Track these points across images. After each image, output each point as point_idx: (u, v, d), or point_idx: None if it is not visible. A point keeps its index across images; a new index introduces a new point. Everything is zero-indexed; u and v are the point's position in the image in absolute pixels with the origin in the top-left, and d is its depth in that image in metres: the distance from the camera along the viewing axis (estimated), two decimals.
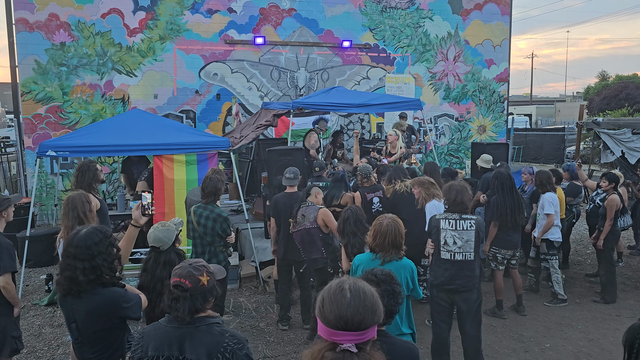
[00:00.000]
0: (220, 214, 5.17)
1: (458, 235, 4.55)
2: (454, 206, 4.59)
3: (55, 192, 10.40)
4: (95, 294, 2.85)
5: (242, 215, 7.98)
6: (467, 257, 4.55)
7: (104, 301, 2.84)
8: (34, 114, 10.98)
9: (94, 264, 2.83)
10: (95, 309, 2.83)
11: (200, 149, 7.25)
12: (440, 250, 4.60)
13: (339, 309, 1.70)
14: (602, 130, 11.28)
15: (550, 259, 6.61)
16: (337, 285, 1.79)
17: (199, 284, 2.35)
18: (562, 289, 6.61)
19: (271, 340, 5.63)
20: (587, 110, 29.09)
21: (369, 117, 13.54)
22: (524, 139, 23.34)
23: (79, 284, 2.82)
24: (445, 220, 4.60)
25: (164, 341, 2.35)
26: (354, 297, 1.73)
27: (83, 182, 5.31)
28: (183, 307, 2.33)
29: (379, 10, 13.26)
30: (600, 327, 5.99)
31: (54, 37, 11.00)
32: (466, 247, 4.54)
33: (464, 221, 4.56)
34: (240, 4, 12.21)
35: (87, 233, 2.90)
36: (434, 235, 4.67)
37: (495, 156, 8.32)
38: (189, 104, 12.05)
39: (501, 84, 14.55)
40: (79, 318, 2.85)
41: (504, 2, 14.30)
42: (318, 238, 5.34)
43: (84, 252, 2.82)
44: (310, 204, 5.43)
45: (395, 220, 3.79)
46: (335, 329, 1.70)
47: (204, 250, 5.14)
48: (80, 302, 2.84)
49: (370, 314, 1.73)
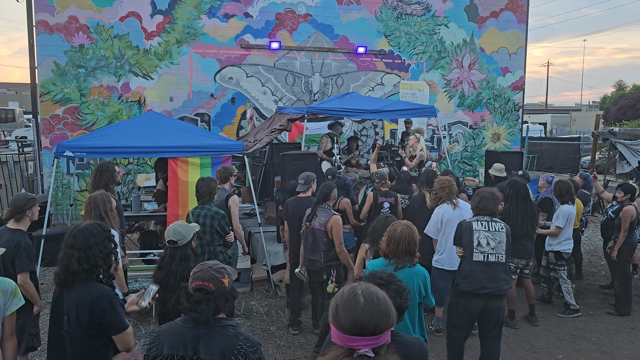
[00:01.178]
0: (217, 212, 5.28)
1: (491, 236, 4.54)
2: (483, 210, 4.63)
3: (70, 192, 10.53)
4: (87, 285, 2.90)
5: (254, 218, 8.02)
6: (500, 259, 4.53)
7: (94, 293, 2.87)
8: (51, 115, 11.14)
9: (89, 254, 2.91)
10: (86, 301, 2.85)
11: (215, 152, 7.30)
12: (473, 252, 4.55)
13: (354, 314, 1.72)
14: (618, 141, 11.18)
15: (559, 270, 6.56)
16: (349, 291, 1.80)
17: (222, 286, 2.40)
18: (573, 299, 6.55)
19: (282, 344, 5.65)
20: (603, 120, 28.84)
21: (382, 124, 13.55)
22: (538, 148, 23.14)
23: (73, 273, 2.89)
24: (477, 222, 4.60)
25: (179, 340, 2.38)
26: (367, 302, 1.75)
27: (100, 183, 5.38)
28: (207, 310, 2.36)
29: (395, 17, 13.28)
30: (614, 340, 5.92)
31: (73, 39, 11.17)
32: (499, 248, 4.53)
33: (495, 223, 4.59)
34: (256, 9, 12.30)
35: (86, 225, 3.03)
36: (465, 238, 4.62)
37: (509, 165, 8.27)
38: (204, 107, 12.15)
39: (516, 92, 14.48)
40: (70, 310, 2.89)
41: (521, 10, 14.25)
42: (322, 241, 5.35)
43: (81, 241, 2.92)
44: (327, 207, 5.45)
45: (410, 227, 3.77)
46: (351, 334, 1.71)
47: (203, 251, 5.19)
48: (73, 293, 2.90)
49: (385, 318, 1.74)
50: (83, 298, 2.87)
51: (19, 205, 4.23)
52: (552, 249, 6.57)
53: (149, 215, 7.88)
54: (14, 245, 4.11)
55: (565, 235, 6.50)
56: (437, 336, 5.79)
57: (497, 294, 4.50)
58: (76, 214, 9.99)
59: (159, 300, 3.75)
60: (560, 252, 6.53)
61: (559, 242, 6.51)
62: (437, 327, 5.92)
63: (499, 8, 14.07)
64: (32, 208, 4.30)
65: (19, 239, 4.16)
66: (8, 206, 4.32)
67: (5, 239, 4.16)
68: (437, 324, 5.93)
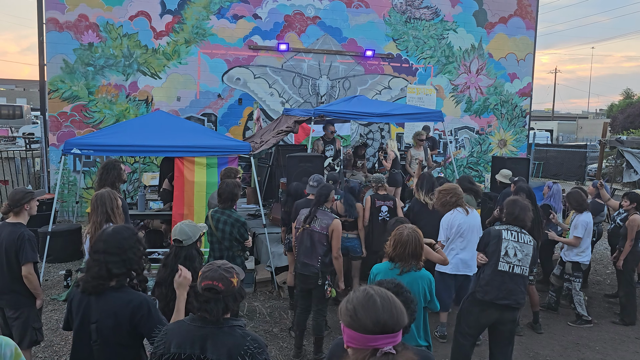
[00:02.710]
0: (238, 219, 5.15)
1: (519, 248, 4.45)
2: (514, 221, 4.54)
3: (76, 189, 10.56)
4: (123, 292, 2.79)
5: (259, 219, 8.02)
6: (524, 272, 4.44)
7: (136, 302, 2.75)
8: (59, 112, 11.19)
9: (125, 258, 2.82)
10: (127, 309, 2.74)
11: (221, 153, 7.31)
12: (499, 261, 4.43)
13: (376, 313, 1.75)
14: (625, 149, 11.13)
15: (574, 281, 6.50)
16: (363, 294, 1.82)
17: (231, 285, 2.40)
18: (585, 310, 6.50)
19: (284, 345, 5.64)
20: (610, 128, 28.72)
21: (389, 127, 13.53)
22: (544, 155, 23.10)
23: (110, 278, 2.78)
24: (508, 231, 4.51)
25: (187, 339, 2.38)
26: (384, 300, 1.79)
27: (107, 181, 5.39)
28: (217, 309, 2.37)
29: (403, 21, 13.29)
30: (618, 349, 5.88)
31: (83, 37, 11.22)
32: (525, 261, 4.45)
33: (525, 235, 4.51)
34: (265, 11, 12.33)
35: (115, 228, 2.94)
36: (492, 245, 4.49)
37: (515, 171, 8.24)
38: (211, 108, 12.18)
39: (523, 98, 14.45)
40: (102, 319, 2.75)
41: (530, 16, 14.23)
42: (320, 245, 5.14)
43: (114, 245, 2.83)
44: (327, 210, 5.35)
45: (416, 230, 3.76)
46: (373, 334, 1.73)
47: (222, 255, 5.14)
48: (103, 301, 2.77)
49: (402, 314, 1.79)
50: (122, 307, 2.74)
51: (17, 199, 4.24)
52: (570, 259, 6.48)
53: (154, 214, 7.89)
54: (16, 236, 4.13)
55: (584, 246, 6.44)
56: (442, 342, 5.77)
57: (514, 307, 4.43)
58: (82, 211, 10.02)
59: (161, 299, 3.75)
60: (579, 262, 6.46)
61: (578, 252, 6.43)
62: (441, 333, 5.89)
63: (508, 14, 14.05)
64: (30, 202, 4.30)
65: (21, 230, 4.18)
66: (6, 200, 4.34)
67: (6, 232, 4.18)
68: (441, 330, 5.91)
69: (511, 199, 4.76)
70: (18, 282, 4.20)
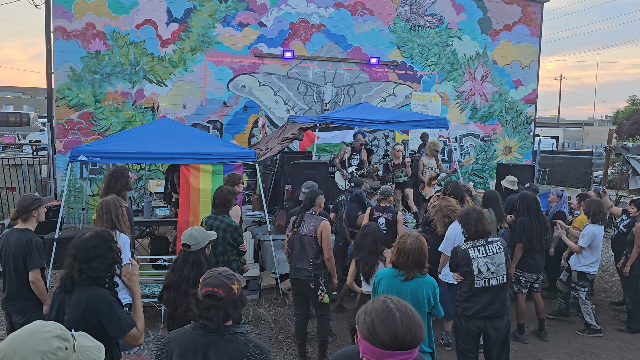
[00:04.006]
0: (230, 224, 5.20)
1: (490, 261, 4.37)
2: (477, 234, 4.40)
3: (83, 196, 10.63)
4: (88, 289, 2.93)
5: (264, 226, 8.04)
6: (501, 281, 4.39)
7: (94, 296, 2.89)
8: (66, 119, 11.28)
9: (92, 266, 2.94)
10: (85, 302, 2.88)
11: (227, 160, 7.34)
12: (475, 279, 4.37)
13: (394, 329, 1.72)
14: (631, 156, 11.09)
15: (579, 290, 6.46)
16: (383, 306, 1.79)
17: (231, 292, 2.40)
18: (594, 319, 6.45)
19: (289, 352, 5.64)
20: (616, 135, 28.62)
21: (394, 134, 13.56)
22: (550, 162, 23.03)
23: (73, 282, 2.94)
24: (473, 248, 4.39)
25: (189, 347, 2.39)
26: (403, 315, 1.75)
27: (114, 188, 5.42)
28: (217, 316, 2.37)
29: (408, 29, 13.34)
30: (624, 357, 5.84)
31: (90, 45, 11.33)
32: (499, 270, 4.39)
33: (492, 245, 4.40)
34: (270, 19, 12.41)
35: (88, 237, 3.04)
36: (463, 267, 4.41)
37: (520, 178, 8.24)
38: (217, 115, 12.25)
39: (528, 105, 14.45)
40: (69, 312, 2.92)
41: (534, 23, 14.25)
42: (310, 248, 5.15)
43: (82, 254, 2.96)
44: (314, 213, 5.33)
45: (419, 239, 3.77)
46: (390, 349, 1.71)
47: (217, 260, 5.15)
48: (72, 296, 2.93)
49: (420, 330, 1.76)
50: (82, 302, 2.89)
51: (25, 205, 4.29)
52: (576, 269, 6.45)
53: (159, 220, 7.93)
54: (24, 242, 4.17)
55: (594, 257, 6.39)
56: (447, 350, 5.76)
57: (496, 316, 4.38)
58: (88, 218, 10.08)
59: (169, 304, 3.76)
60: (585, 273, 6.43)
61: (587, 263, 6.38)
62: (446, 340, 5.87)
63: (513, 21, 14.08)
64: (38, 208, 4.35)
65: (29, 236, 4.23)
66: (14, 206, 4.38)
67: (15, 238, 4.23)
68: (446, 338, 5.89)
69: (462, 212, 4.63)
70: (25, 288, 4.23)
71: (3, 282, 4.37)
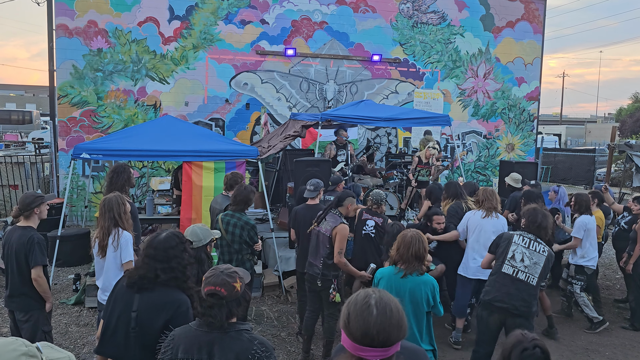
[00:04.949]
0: (247, 222, 5.17)
1: (528, 254, 4.39)
2: (535, 230, 4.47)
3: (85, 193, 10.63)
4: (170, 290, 2.91)
5: (267, 224, 8.04)
6: (530, 280, 4.35)
7: (175, 299, 2.87)
8: (68, 117, 11.28)
9: (172, 266, 2.94)
10: (163, 304, 2.85)
11: (229, 157, 7.34)
12: (504, 263, 4.42)
13: (366, 325, 1.69)
14: (634, 153, 11.07)
15: (575, 283, 6.47)
16: (363, 301, 1.76)
17: (234, 290, 2.39)
18: (594, 311, 6.44)
19: (292, 350, 5.64)
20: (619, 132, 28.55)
21: (396, 132, 13.53)
22: (552, 159, 22.98)
23: (155, 282, 2.92)
24: (520, 236, 4.48)
25: (194, 344, 2.39)
26: (380, 314, 1.71)
27: (117, 184, 5.42)
28: (220, 315, 2.37)
29: (410, 26, 13.30)
30: (628, 355, 5.83)
31: (92, 43, 11.32)
32: (532, 269, 4.36)
33: (539, 244, 4.43)
34: (272, 16, 12.39)
35: (166, 237, 3.03)
36: (501, 247, 4.51)
37: (523, 175, 8.21)
38: (219, 113, 12.23)
39: (531, 102, 14.40)
40: (142, 308, 2.88)
41: (537, 20, 14.20)
42: (323, 247, 5.15)
43: (162, 254, 2.94)
44: (338, 214, 5.30)
45: (419, 233, 3.81)
46: (361, 344, 1.69)
47: (231, 258, 5.15)
48: (151, 295, 2.90)
49: (396, 330, 1.72)
50: (161, 302, 2.87)
51: (27, 203, 4.29)
52: (575, 263, 6.45)
53: (162, 218, 7.93)
54: (26, 240, 4.18)
55: (593, 251, 6.41)
56: (455, 348, 5.72)
57: (514, 313, 4.30)
58: (90, 216, 10.08)
59: None
60: (582, 267, 6.43)
61: (587, 258, 6.40)
62: (456, 339, 5.81)
63: (515, 18, 14.03)
64: (40, 206, 4.35)
65: (31, 234, 4.23)
66: (17, 204, 4.38)
67: (17, 235, 4.23)
68: (456, 336, 5.82)
69: (532, 207, 4.74)
70: (28, 286, 4.23)
71: (6, 280, 4.38)
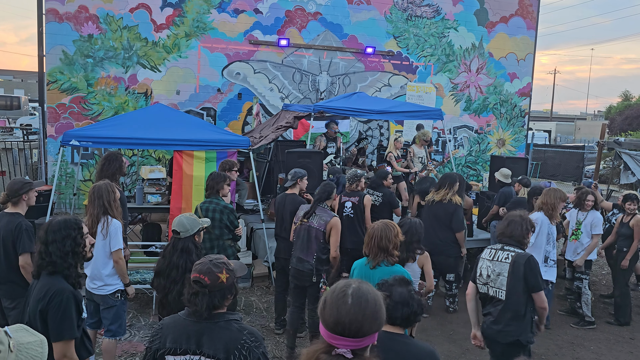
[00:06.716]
0: (226, 206, 5.22)
1: (492, 267, 3.92)
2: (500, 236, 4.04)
3: (74, 181, 10.54)
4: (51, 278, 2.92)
5: (257, 215, 8.02)
6: (499, 295, 3.86)
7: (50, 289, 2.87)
8: (58, 104, 11.14)
9: (50, 249, 2.94)
10: (44, 294, 2.86)
11: (221, 147, 7.29)
12: (477, 282, 4.06)
13: (339, 314, 1.70)
14: (623, 151, 11.16)
15: (585, 279, 6.58)
16: (340, 289, 1.77)
17: (218, 281, 2.38)
18: (590, 311, 6.54)
19: (281, 340, 5.65)
20: (608, 130, 28.79)
21: (388, 125, 13.52)
22: (542, 155, 23.14)
23: (37, 266, 2.96)
24: (490, 249, 4.07)
25: (182, 334, 2.38)
26: (354, 304, 1.71)
27: (108, 172, 5.39)
28: (201, 303, 2.36)
29: (404, 19, 13.26)
30: (613, 349, 5.91)
31: (82, 28, 11.17)
32: (496, 281, 3.87)
33: (503, 251, 3.92)
34: (266, 5, 12.29)
35: (54, 220, 3.05)
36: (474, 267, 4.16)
37: (514, 170, 8.26)
38: (210, 102, 12.14)
39: (523, 98, 14.46)
40: (32, 299, 2.92)
41: (531, 16, 14.22)
42: (317, 242, 5.07)
43: (43, 235, 2.98)
44: (327, 207, 5.29)
45: (386, 224, 3.76)
46: (334, 332, 1.70)
47: (212, 245, 5.14)
48: (38, 283, 2.94)
49: (370, 322, 1.71)
50: (40, 290, 2.89)
51: (15, 189, 4.25)
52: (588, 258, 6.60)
53: (152, 207, 7.88)
54: (14, 227, 4.14)
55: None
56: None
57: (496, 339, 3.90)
58: (79, 204, 9.99)
59: (159, 290, 3.76)
60: (591, 260, 6.66)
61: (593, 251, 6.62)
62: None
63: (509, 13, 14.04)
64: (28, 192, 4.32)
65: (19, 220, 4.20)
66: (4, 190, 4.33)
67: (4, 222, 4.19)
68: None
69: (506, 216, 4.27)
70: (15, 273, 4.20)
71: None
